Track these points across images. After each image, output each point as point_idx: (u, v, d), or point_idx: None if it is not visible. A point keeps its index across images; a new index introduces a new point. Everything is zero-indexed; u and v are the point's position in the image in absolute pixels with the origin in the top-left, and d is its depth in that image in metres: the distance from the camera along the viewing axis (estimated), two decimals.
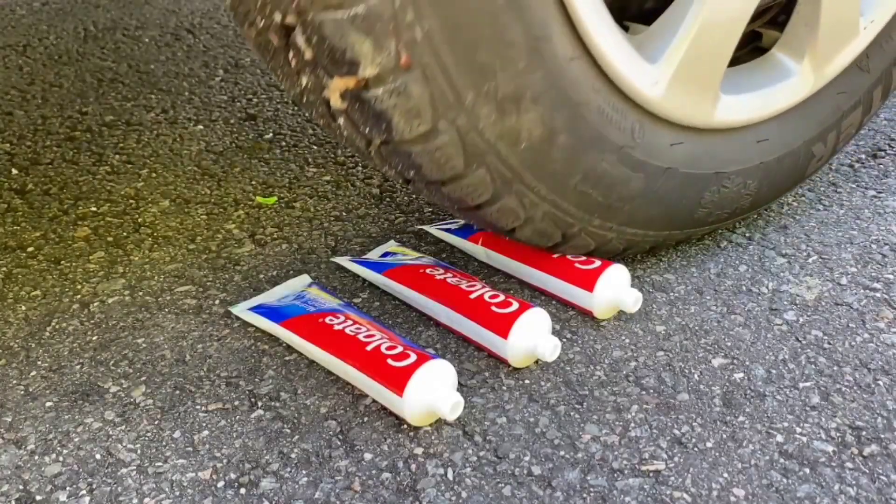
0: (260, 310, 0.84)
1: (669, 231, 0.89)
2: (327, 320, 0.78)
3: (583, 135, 0.74)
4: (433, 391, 0.68)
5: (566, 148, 0.74)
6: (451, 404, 0.67)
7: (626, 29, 0.86)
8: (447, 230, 0.98)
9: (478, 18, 0.63)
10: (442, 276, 0.84)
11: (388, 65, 0.62)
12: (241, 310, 0.85)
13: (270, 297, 0.87)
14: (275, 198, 1.09)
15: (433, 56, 0.63)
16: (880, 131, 1.24)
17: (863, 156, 1.17)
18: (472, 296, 0.80)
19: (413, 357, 0.70)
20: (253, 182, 1.14)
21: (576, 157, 0.75)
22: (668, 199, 0.85)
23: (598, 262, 0.84)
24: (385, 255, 0.94)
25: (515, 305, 0.78)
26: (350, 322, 0.77)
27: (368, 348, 0.73)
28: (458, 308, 0.81)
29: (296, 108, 1.37)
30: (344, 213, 1.05)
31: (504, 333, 0.76)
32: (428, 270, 0.86)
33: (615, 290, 0.83)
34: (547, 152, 0.73)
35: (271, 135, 1.30)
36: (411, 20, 0.61)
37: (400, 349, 0.72)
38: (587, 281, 0.83)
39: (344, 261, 0.94)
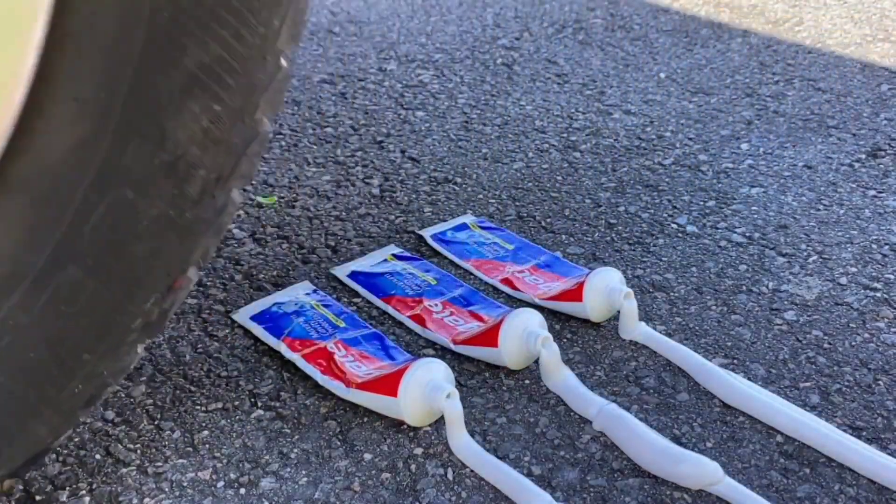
0: (261, 319, 0.83)
1: None
2: (329, 347, 0.78)
3: None
4: (427, 386, 0.68)
5: None
6: (445, 394, 0.67)
7: None
8: (441, 240, 0.97)
9: None
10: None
11: None
12: (243, 318, 0.84)
13: (268, 303, 0.86)
14: (275, 197, 1.09)
15: None
16: (880, 131, 1.24)
17: (863, 155, 1.17)
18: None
19: (405, 364, 0.71)
20: (253, 182, 1.14)
21: None
22: None
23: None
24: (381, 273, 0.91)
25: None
26: (351, 357, 0.76)
27: (364, 372, 0.74)
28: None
29: (296, 106, 1.37)
30: (344, 213, 1.05)
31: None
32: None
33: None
34: None
35: (271, 134, 1.30)
36: None
37: (396, 370, 0.71)
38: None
39: (340, 271, 0.93)
